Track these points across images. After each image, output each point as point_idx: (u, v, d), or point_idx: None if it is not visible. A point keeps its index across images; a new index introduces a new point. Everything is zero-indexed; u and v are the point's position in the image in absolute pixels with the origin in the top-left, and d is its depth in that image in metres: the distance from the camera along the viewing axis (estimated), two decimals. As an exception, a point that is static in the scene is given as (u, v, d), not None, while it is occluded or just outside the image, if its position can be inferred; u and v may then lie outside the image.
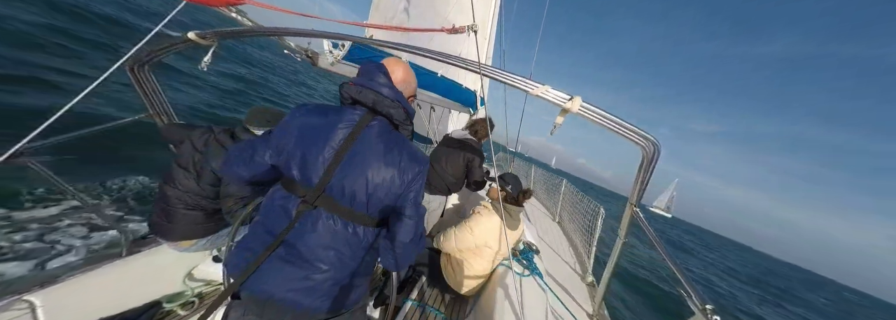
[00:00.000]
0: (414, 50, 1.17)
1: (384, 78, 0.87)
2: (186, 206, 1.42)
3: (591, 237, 3.18)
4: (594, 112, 0.98)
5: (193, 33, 1.27)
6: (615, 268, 1.64)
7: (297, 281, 0.80)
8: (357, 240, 0.84)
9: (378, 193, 0.82)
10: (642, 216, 1.32)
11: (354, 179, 0.80)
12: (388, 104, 0.86)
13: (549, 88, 1.00)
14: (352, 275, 0.87)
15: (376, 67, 0.88)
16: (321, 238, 0.81)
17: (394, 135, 0.88)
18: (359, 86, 0.85)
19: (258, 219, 0.88)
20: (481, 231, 1.89)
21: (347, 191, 0.80)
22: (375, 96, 0.85)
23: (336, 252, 0.82)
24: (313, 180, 0.80)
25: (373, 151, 0.82)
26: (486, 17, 3.80)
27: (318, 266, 0.81)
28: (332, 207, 0.81)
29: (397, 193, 0.85)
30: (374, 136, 0.84)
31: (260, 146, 0.87)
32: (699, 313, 1.03)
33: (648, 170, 1.11)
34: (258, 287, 0.80)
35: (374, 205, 0.83)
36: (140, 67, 1.50)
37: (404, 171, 0.84)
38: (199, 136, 1.44)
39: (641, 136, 1.00)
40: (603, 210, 3.36)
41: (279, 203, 0.83)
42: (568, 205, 4.44)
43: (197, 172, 1.40)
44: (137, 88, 1.57)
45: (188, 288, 1.66)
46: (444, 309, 2.04)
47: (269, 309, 0.81)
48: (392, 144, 0.85)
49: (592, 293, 2.37)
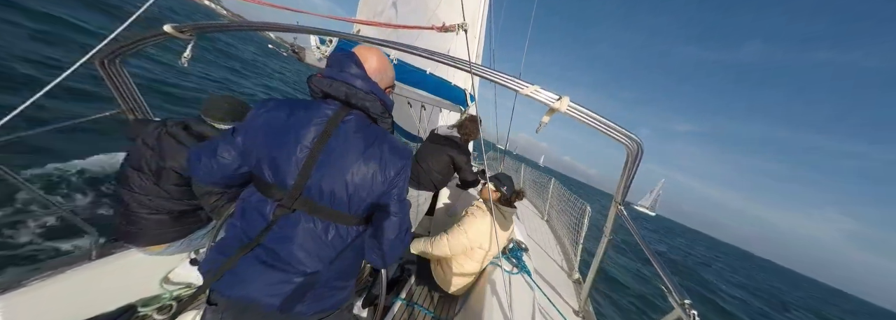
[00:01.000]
0: (404, 47, 1.16)
1: (356, 68, 0.80)
2: (149, 210, 1.31)
3: (578, 235, 3.25)
4: (581, 112, 1.00)
5: (170, 26, 1.21)
6: (600, 266, 1.68)
7: (279, 286, 0.76)
8: (340, 241, 0.81)
9: (360, 192, 0.78)
10: (627, 215, 1.35)
11: (333, 179, 0.76)
12: (363, 97, 0.79)
13: (538, 88, 1.01)
14: (337, 277, 0.84)
15: (347, 57, 0.81)
16: (302, 241, 0.77)
17: (372, 129, 0.82)
18: (329, 78, 0.79)
19: (234, 222, 0.83)
20: (475, 233, 1.86)
21: (327, 192, 0.76)
22: (348, 89, 0.78)
23: (318, 254, 0.78)
24: (288, 182, 0.76)
25: (351, 148, 0.77)
26: (476, 16, 3.79)
27: (300, 269, 0.77)
28: (311, 209, 0.77)
29: (380, 190, 0.80)
30: (350, 132, 0.78)
31: (223, 146, 0.80)
32: (678, 307, 1.07)
33: (632, 169, 1.14)
34: (237, 292, 0.76)
35: (356, 203, 0.79)
36: (111, 61, 1.42)
37: (386, 167, 0.79)
38: (150, 132, 1.31)
39: (626, 136, 1.03)
40: (589, 208, 3.43)
41: (255, 206, 0.79)
42: (556, 203, 4.52)
43: (153, 172, 1.29)
44: (108, 83, 1.48)
45: (165, 292, 1.59)
46: (433, 308, 2.04)
47: (250, 315, 0.77)
48: (371, 139, 0.80)
49: (579, 290, 2.43)
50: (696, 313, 1.02)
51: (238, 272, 0.76)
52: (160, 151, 1.28)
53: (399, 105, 5.94)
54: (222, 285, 0.77)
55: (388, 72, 0.89)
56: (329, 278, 0.82)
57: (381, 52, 0.88)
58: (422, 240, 2.02)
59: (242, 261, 0.76)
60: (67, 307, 1.26)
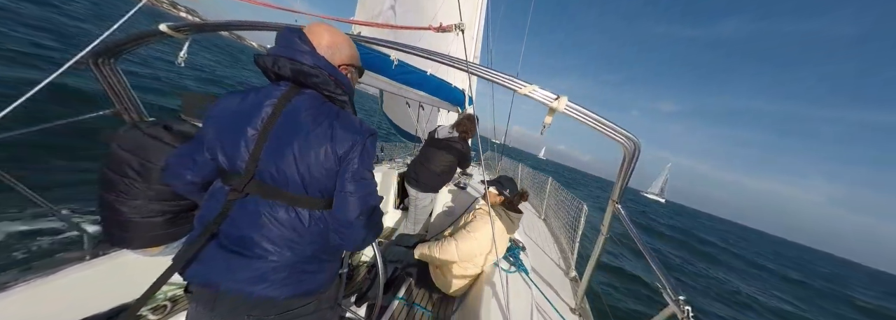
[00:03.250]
0: (403, 48, 1.16)
1: (304, 44, 0.76)
2: (141, 214, 1.27)
3: (575, 233, 3.28)
4: (579, 111, 1.01)
5: (165, 25, 1.20)
6: (597, 263, 1.70)
7: (244, 271, 0.75)
8: (301, 224, 0.78)
9: (314, 172, 0.75)
10: (623, 213, 1.37)
11: (283, 161, 0.73)
12: (311, 73, 0.75)
13: (536, 88, 1.02)
14: (307, 261, 0.82)
15: (292, 32, 0.77)
16: (259, 225, 0.75)
17: (325, 107, 0.79)
18: (273, 55, 0.75)
19: (199, 211, 0.83)
20: (486, 239, 1.83)
21: (279, 174, 0.74)
22: (293, 65, 0.74)
23: (279, 238, 0.76)
24: (240, 167, 0.75)
25: (299, 128, 0.74)
26: (473, 17, 3.81)
27: (263, 254, 0.76)
28: (265, 193, 0.75)
29: (334, 169, 0.77)
30: (300, 111, 0.75)
31: (195, 145, 0.81)
32: (672, 304, 1.09)
33: (629, 168, 1.16)
34: (204, 280, 0.75)
35: (312, 185, 0.76)
36: (105, 60, 1.40)
37: (337, 144, 0.76)
38: (125, 136, 1.26)
39: (623, 135, 1.04)
40: (586, 207, 3.46)
41: (213, 193, 0.79)
42: (553, 202, 4.54)
43: (140, 175, 1.23)
44: (102, 83, 1.46)
45: (161, 292, 1.58)
46: (431, 307, 2.04)
47: (221, 302, 0.77)
48: (321, 118, 0.76)
49: (575, 287, 2.45)
50: (690, 309, 1.04)
51: (204, 260, 0.76)
52: (145, 155, 1.23)
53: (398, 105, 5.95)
54: (191, 274, 0.77)
55: (342, 48, 0.84)
56: (297, 262, 0.79)
57: (336, 29, 0.84)
58: (426, 245, 2.00)
59: (208, 249, 0.76)
60: (59, 308, 1.25)
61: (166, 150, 1.24)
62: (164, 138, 1.26)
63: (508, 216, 1.89)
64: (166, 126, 1.31)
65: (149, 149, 1.23)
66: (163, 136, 1.26)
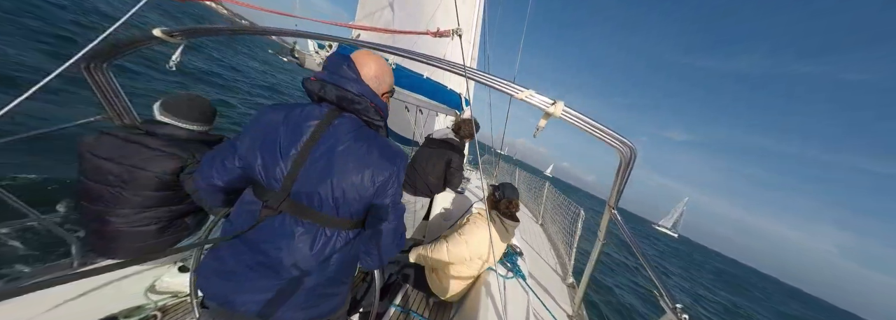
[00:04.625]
0: (401, 52, 1.16)
1: (351, 72, 0.80)
2: (130, 224, 1.23)
3: (572, 239, 3.26)
4: (575, 116, 1.01)
5: (159, 30, 1.18)
6: (594, 270, 1.68)
7: (268, 292, 0.76)
8: (329, 245, 0.79)
9: (348, 195, 0.77)
10: (620, 219, 1.36)
11: (321, 182, 0.75)
12: (355, 100, 0.79)
13: (533, 92, 1.02)
14: (327, 283, 0.83)
15: (342, 60, 0.81)
16: (289, 245, 0.76)
17: (364, 131, 0.81)
18: (321, 80, 0.78)
19: (228, 221, 0.83)
20: (476, 243, 1.82)
21: (314, 195, 0.75)
22: (339, 92, 0.77)
23: (305, 258, 0.77)
24: (277, 184, 0.75)
25: (340, 151, 0.76)
26: (470, 22, 3.84)
27: (287, 274, 0.77)
28: (299, 212, 0.76)
29: (371, 194, 0.79)
30: (340, 135, 0.77)
31: (228, 150, 0.82)
32: (670, 312, 1.08)
33: (625, 174, 1.15)
34: (225, 297, 0.75)
35: (344, 207, 0.78)
36: (97, 65, 1.37)
37: (377, 171, 0.78)
38: (95, 144, 1.19)
39: (619, 141, 1.03)
40: (583, 213, 3.45)
41: (247, 207, 0.79)
42: (551, 207, 4.53)
43: (125, 183, 1.19)
44: (94, 89, 1.43)
45: (150, 302, 1.53)
46: (427, 314, 2.01)
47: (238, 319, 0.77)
48: (361, 142, 0.78)
49: (573, 294, 2.42)
50: (688, 317, 1.03)
51: (228, 276, 0.76)
52: (129, 161, 1.18)
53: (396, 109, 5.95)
54: (211, 287, 0.78)
55: (385, 78, 0.88)
56: (318, 284, 0.81)
57: (382, 59, 0.88)
58: (419, 247, 1.98)
59: (231, 264, 0.76)
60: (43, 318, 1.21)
61: (155, 156, 1.21)
62: (149, 143, 1.22)
63: (502, 223, 1.87)
64: (149, 131, 1.27)
65: (132, 154, 1.19)
66: (147, 142, 1.22)
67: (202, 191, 0.86)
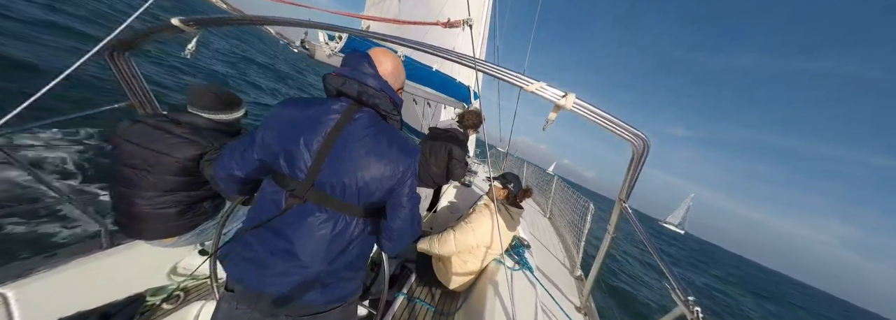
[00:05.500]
0: (410, 43, 1.16)
1: (370, 68, 0.85)
2: (153, 206, 1.32)
3: (581, 232, 3.25)
4: (586, 109, 0.99)
5: (177, 19, 1.22)
6: (603, 263, 1.68)
7: (291, 276, 0.81)
8: (350, 232, 0.85)
9: (370, 186, 0.82)
10: (631, 212, 1.35)
11: (344, 172, 0.79)
12: (374, 94, 0.84)
13: (544, 85, 1.00)
14: (346, 267, 0.88)
15: (361, 57, 0.86)
16: (312, 231, 0.81)
17: (382, 125, 0.87)
18: (342, 76, 0.83)
19: (252, 210, 0.88)
20: (483, 232, 1.86)
21: (338, 185, 0.80)
22: (360, 87, 0.83)
23: (328, 245, 0.82)
24: (301, 174, 0.80)
25: (362, 143, 0.81)
26: (480, 12, 3.77)
27: (311, 259, 0.81)
28: (322, 200, 0.81)
29: (390, 184, 0.84)
30: (361, 128, 0.82)
31: (249, 143, 0.85)
32: (682, 304, 1.07)
33: (638, 167, 1.13)
34: (252, 280, 0.81)
35: (365, 196, 0.83)
36: (119, 53, 1.44)
37: (396, 163, 0.83)
38: (129, 130, 1.28)
39: (631, 133, 1.02)
40: (592, 206, 3.42)
41: (270, 197, 0.83)
42: (559, 201, 4.51)
43: (152, 167, 1.27)
44: (117, 75, 1.50)
45: (173, 282, 1.62)
46: (434, 303, 2.06)
47: (263, 303, 0.82)
48: (381, 136, 0.84)
49: (581, 286, 2.43)
50: (700, 309, 1.02)
51: (254, 261, 0.81)
52: (155, 147, 1.26)
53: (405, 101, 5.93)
54: (239, 272, 0.83)
55: (400, 75, 0.95)
56: (338, 268, 0.86)
57: (396, 57, 0.93)
58: (426, 238, 2.02)
59: (258, 251, 0.82)
60: (78, 295, 1.29)
61: (180, 144, 1.29)
62: (174, 130, 1.30)
63: (508, 211, 1.90)
64: (174, 119, 1.34)
65: (158, 140, 1.27)
66: (172, 129, 1.30)
67: (221, 180, 0.91)
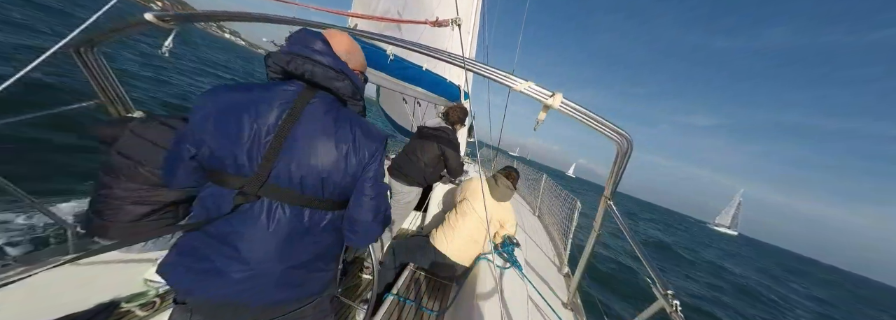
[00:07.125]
0: (399, 42, 1.15)
1: (322, 45, 0.74)
2: (129, 200, 1.26)
3: (568, 230, 3.31)
4: (573, 108, 1.01)
5: (151, 14, 1.16)
6: (589, 259, 1.72)
7: (251, 279, 0.73)
8: (312, 226, 0.78)
9: (333, 176, 0.75)
10: (615, 209, 1.39)
11: (303, 164, 0.71)
12: (332, 75, 0.74)
13: (531, 84, 1.02)
14: (315, 261, 0.82)
15: (311, 34, 0.75)
16: (268, 229, 0.72)
17: (343, 111, 0.78)
18: (289, 54, 0.72)
19: (191, 219, 0.79)
20: (469, 188, 2.09)
21: (296, 177, 0.72)
22: (313, 66, 0.72)
23: (288, 241, 0.75)
24: (248, 169, 0.70)
25: (321, 131, 0.72)
26: (469, 12, 3.78)
27: (270, 258, 0.73)
28: (279, 196, 0.72)
29: (353, 173, 0.78)
30: (320, 114, 0.73)
31: (182, 142, 0.73)
32: (661, 298, 1.11)
33: (622, 164, 1.17)
34: (205, 291, 0.72)
35: (329, 188, 0.76)
36: (87, 49, 1.36)
37: (359, 150, 0.77)
38: (143, 126, 1.24)
39: (615, 132, 1.05)
40: (579, 203, 3.49)
41: (211, 201, 0.73)
42: (547, 199, 4.58)
43: (145, 158, 1.22)
44: (85, 72, 1.42)
45: (151, 288, 1.56)
46: (424, 303, 2.06)
47: (224, 310, 0.76)
48: (342, 122, 0.75)
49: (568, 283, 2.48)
50: (678, 303, 1.06)
51: (204, 270, 0.72)
52: (161, 143, 1.22)
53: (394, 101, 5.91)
54: (187, 283, 0.72)
55: (356, 55, 0.85)
56: (304, 263, 0.79)
57: (351, 37, 0.86)
58: (439, 235, 2.12)
59: (210, 258, 0.72)
60: (42, 304, 1.23)
61: (148, 150, 1.23)
62: (177, 126, 1.27)
63: (495, 180, 2.10)
64: (185, 117, 1.30)
65: (134, 147, 1.22)
66: (177, 124, 1.27)
67: (172, 188, 0.81)
